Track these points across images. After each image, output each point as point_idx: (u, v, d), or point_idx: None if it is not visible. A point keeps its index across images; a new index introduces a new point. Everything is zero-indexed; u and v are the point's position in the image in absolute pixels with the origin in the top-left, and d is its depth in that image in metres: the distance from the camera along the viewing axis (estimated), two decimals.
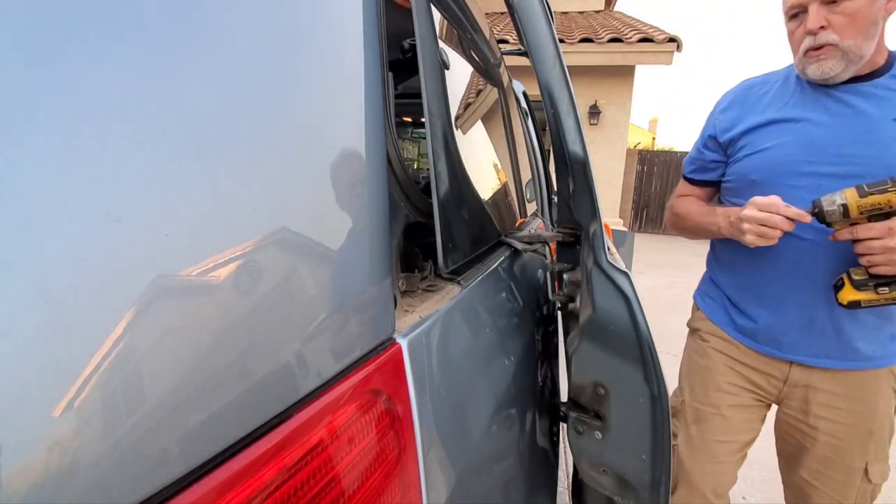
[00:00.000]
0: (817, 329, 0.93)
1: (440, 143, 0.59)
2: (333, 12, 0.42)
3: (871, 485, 0.97)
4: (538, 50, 0.65)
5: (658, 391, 0.58)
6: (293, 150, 0.35)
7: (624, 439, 0.62)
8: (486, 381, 0.63)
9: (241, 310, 0.29)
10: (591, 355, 0.63)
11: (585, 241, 0.65)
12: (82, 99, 0.23)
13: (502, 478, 0.68)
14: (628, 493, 0.64)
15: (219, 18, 0.30)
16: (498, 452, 0.66)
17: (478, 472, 0.58)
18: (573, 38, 6.28)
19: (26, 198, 0.20)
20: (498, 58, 1.28)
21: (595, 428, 0.64)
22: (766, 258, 0.96)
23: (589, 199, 0.64)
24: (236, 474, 0.28)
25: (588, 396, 0.64)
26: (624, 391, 0.61)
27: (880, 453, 0.96)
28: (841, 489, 0.97)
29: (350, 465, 0.35)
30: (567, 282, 0.72)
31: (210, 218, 0.28)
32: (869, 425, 0.95)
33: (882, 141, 0.85)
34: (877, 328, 0.92)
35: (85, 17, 0.23)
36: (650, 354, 0.59)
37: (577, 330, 0.65)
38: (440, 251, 0.55)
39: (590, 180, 0.65)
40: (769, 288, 0.98)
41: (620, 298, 0.59)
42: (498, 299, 0.74)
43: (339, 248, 0.39)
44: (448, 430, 0.51)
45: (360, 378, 0.38)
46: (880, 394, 0.94)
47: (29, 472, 0.20)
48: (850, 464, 0.96)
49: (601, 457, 0.65)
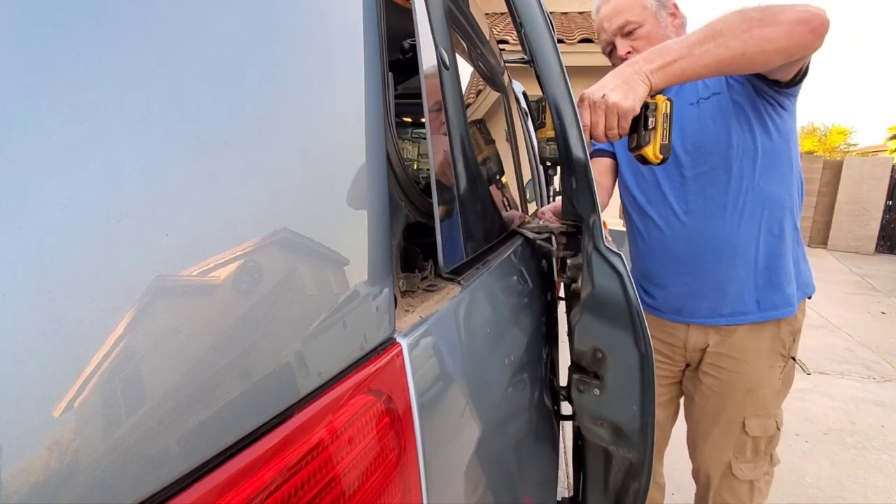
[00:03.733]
0: (703, 294, 1.08)
1: (440, 144, 0.59)
2: (333, 12, 0.42)
3: (749, 437, 1.08)
4: (546, 69, 0.76)
5: (645, 350, 0.69)
6: (293, 149, 0.35)
7: (618, 394, 0.74)
8: (487, 381, 0.63)
9: (242, 309, 0.29)
10: (590, 325, 0.74)
11: (586, 230, 0.75)
12: (83, 98, 0.23)
13: (503, 477, 0.68)
14: (621, 441, 0.75)
15: (219, 18, 0.30)
16: (499, 452, 0.66)
17: (478, 472, 0.58)
18: (573, 39, 6.28)
19: (27, 197, 0.20)
20: (501, 65, 1.29)
21: (594, 386, 0.76)
22: (646, 246, 1.15)
23: (589, 196, 0.74)
24: (237, 474, 0.28)
25: (588, 360, 0.76)
26: (618, 353, 0.72)
27: (760, 409, 1.07)
28: (720, 439, 1.11)
29: (350, 465, 0.35)
30: (570, 266, 0.82)
31: (211, 218, 0.28)
32: (748, 384, 1.07)
33: (680, 118, 1.05)
34: (756, 283, 1.04)
35: (85, 16, 0.23)
36: (639, 322, 0.70)
37: (578, 306, 0.76)
38: (440, 251, 0.55)
39: (590, 180, 0.74)
40: (654, 268, 1.15)
41: (615, 277, 0.71)
42: (498, 299, 0.74)
43: (340, 248, 0.39)
44: (448, 430, 0.50)
45: (361, 378, 0.38)
46: (761, 355, 1.06)
47: (29, 471, 0.20)
48: (728, 417, 1.09)
49: (599, 410, 0.76)
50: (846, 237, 8.96)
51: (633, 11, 1.04)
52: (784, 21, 0.79)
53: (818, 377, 3.16)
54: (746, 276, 1.05)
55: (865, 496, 1.99)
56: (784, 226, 1.04)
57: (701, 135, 1.03)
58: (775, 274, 1.04)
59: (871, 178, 8.78)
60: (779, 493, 1.95)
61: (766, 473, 1.13)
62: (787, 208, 1.04)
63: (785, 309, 1.05)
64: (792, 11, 0.80)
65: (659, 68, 0.79)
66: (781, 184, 1.03)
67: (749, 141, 1.00)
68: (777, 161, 1.01)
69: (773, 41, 0.79)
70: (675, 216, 1.08)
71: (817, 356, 3.53)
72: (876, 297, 5.52)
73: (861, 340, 3.95)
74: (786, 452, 2.25)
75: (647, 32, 1.04)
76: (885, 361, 3.52)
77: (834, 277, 6.46)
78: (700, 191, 1.05)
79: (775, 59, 0.83)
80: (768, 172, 1.01)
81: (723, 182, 1.02)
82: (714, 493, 1.15)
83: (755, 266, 1.04)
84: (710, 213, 1.04)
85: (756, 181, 1.01)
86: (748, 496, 1.12)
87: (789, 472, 2.10)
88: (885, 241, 8.95)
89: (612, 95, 0.76)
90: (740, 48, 0.79)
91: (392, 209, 0.49)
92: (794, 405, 2.74)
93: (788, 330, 1.08)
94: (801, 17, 0.80)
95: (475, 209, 0.71)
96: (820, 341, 3.87)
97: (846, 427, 2.54)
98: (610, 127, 0.78)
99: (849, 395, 2.93)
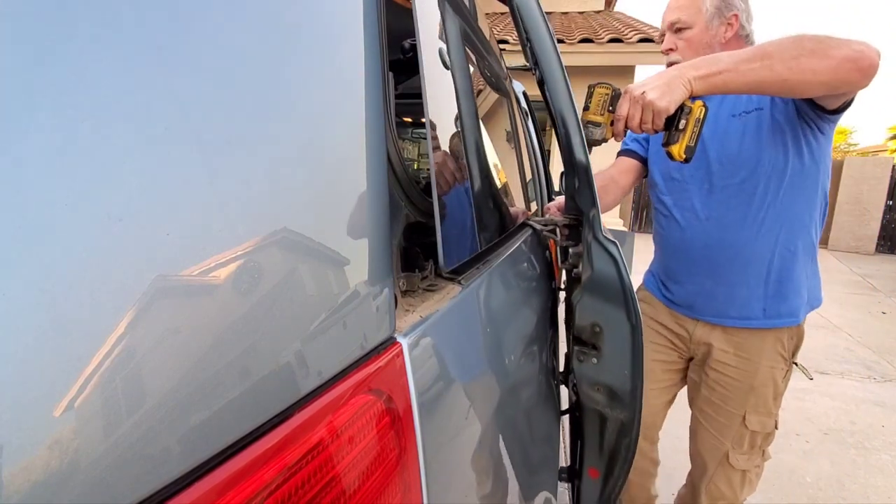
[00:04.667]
0: (714, 295, 1.15)
1: (440, 144, 0.59)
2: (333, 12, 0.42)
3: (748, 431, 1.16)
4: (554, 86, 0.85)
5: (636, 322, 0.80)
6: (294, 149, 0.35)
7: (613, 361, 0.85)
8: (488, 380, 0.63)
9: (242, 309, 0.29)
10: (590, 304, 0.86)
11: (586, 223, 0.86)
12: (83, 98, 0.23)
13: (504, 476, 0.68)
14: (615, 403, 0.87)
15: (219, 18, 0.30)
16: (499, 451, 0.66)
17: (479, 472, 0.58)
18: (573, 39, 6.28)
19: (27, 197, 0.20)
20: (502, 65, 1.30)
21: (592, 356, 0.87)
22: (668, 245, 1.24)
23: (589, 193, 0.84)
24: (237, 473, 0.28)
25: (588, 334, 0.87)
26: (613, 326, 0.84)
27: (760, 406, 1.15)
28: (721, 429, 1.20)
29: (350, 465, 0.35)
30: (572, 254, 0.93)
31: (211, 217, 0.28)
32: (751, 381, 1.14)
33: (720, 128, 1.10)
34: (766, 292, 1.10)
35: (86, 15, 0.23)
36: (631, 299, 0.80)
37: (579, 288, 0.88)
38: (440, 251, 0.55)
39: (590, 180, 0.83)
40: (673, 266, 1.24)
41: (612, 262, 0.82)
42: (498, 298, 0.74)
43: (340, 248, 0.39)
44: (449, 430, 0.50)
45: (361, 378, 0.38)
46: (763, 355, 1.13)
47: (29, 471, 0.20)
48: (731, 410, 1.17)
49: (597, 377, 0.88)
50: (847, 237, 8.96)
51: (688, 12, 1.10)
52: (835, 56, 0.81)
53: (818, 377, 3.16)
54: (756, 286, 1.10)
55: (866, 496, 1.99)
56: (800, 244, 1.08)
57: (736, 148, 1.07)
58: (785, 287, 1.09)
59: (872, 178, 8.78)
60: (779, 493, 1.95)
61: (757, 466, 1.21)
62: (806, 227, 1.08)
63: (789, 319, 1.11)
64: (846, 48, 0.81)
65: (703, 76, 0.84)
66: (805, 205, 1.06)
67: (781, 161, 1.03)
68: (805, 183, 1.05)
69: (819, 73, 0.82)
70: (696, 219, 1.14)
71: (818, 356, 3.53)
72: (876, 297, 5.52)
73: (861, 340, 3.94)
74: (786, 452, 2.25)
75: (691, 35, 1.09)
76: (885, 361, 3.51)
77: (834, 277, 6.46)
78: (725, 200, 1.10)
79: (817, 91, 0.86)
80: (793, 192, 1.05)
81: (747, 195, 1.07)
82: (709, 481, 1.23)
83: (766, 277, 1.09)
84: (729, 222, 1.09)
85: (780, 199, 1.05)
86: (740, 485, 1.20)
87: (790, 472, 2.10)
88: (885, 241, 8.95)
89: (651, 94, 0.83)
90: (784, 74, 0.82)
91: (392, 209, 0.49)
92: (794, 405, 2.74)
93: (790, 336, 1.13)
94: (851, 56, 0.81)
95: (475, 209, 0.71)
96: (820, 341, 3.87)
97: (846, 427, 2.54)
98: (645, 121, 0.86)
99: (849, 394, 2.93)
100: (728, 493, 1.21)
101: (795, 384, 3.01)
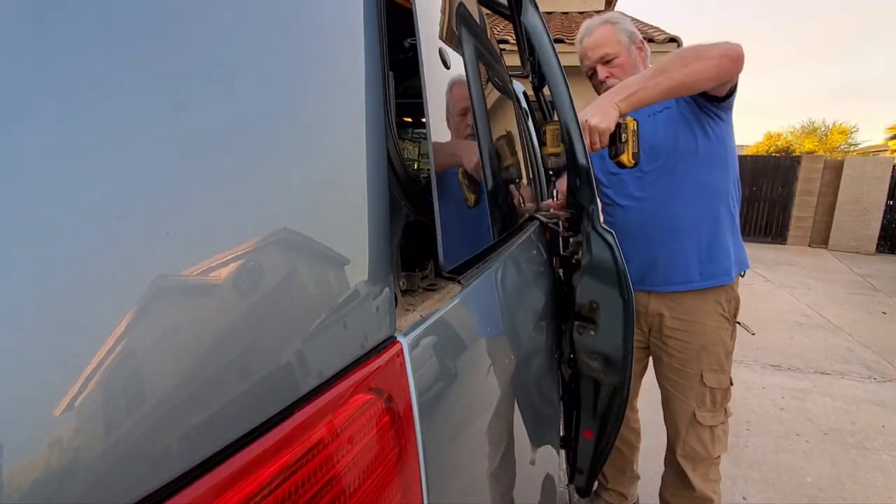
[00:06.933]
0: (656, 264, 1.35)
1: (440, 143, 0.59)
2: (334, 12, 0.42)
3: (707, 388, 1.34)
4: (562, 104, 0.99)
5: (627, 297, 0.95)
6: (294, 149, 0.35)
7: (608, 332, 0.99)
8: (488, 380, 0.63)
9: (243, 308, 0.29)
10: (588, 285, 1.00)
11: (586, 216, 1.01)
12: (83, 97, 0.23)
13: (504, 476, 0.68)
14: (609, 369, 1.01)
15: (219, 18, 0.30)
16: (499, 451, 0.66)
17: (479, 471, 0.58)
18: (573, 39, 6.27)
19: (27, 196, 0.20)
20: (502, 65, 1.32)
21: (591, 329, 1.02)
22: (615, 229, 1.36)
23: (589, 191, 0.99)
24: (237, 472, 0.28)
25: (587, 310, 1.02)
26: (608, 302, 0.98)
27: (714, 364, 1.33)
28: (684, 391, 1.37)
29: (350, 464, 0.35)
30: (572, 243, 1.07)
31: (211, 217, 0.28)
32: (701, 342, 1.33)
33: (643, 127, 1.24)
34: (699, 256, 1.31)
35: (86, 15, 0.23)
36: (624, 279, 0.95)
37: (579, 272, 1.03)
38: (440, 250, 0.55)
39: (590, 179, 0.97)
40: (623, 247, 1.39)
41: (608, 248, 0.97)
42: (498, 297, 0.74)
43: (340, 248, 0.39)
44: (449, 429, 0.51)
45: (361, 377, 0.38)
46: (707, 316, 1.33)
47: (29, 471, 0.20)
48: (690, 371, 1.36)
49: (594, 346, 1.02)
50: (847, 237, 8.94)
51: (611, 45, 1.36)
52: (712, 56, 1.10)
53: (819, 377, 3.16)
54: (691, 250, 1.32)
55: (866, 496, 1.99)
56: (721, 212, 1.32)
57: (654, 138, 1.32)
58: (715, 250, 1.32)
59: (872, 178, 8.77)
60: (779, 493, 1.95)
61: (722, 423, 1.38)
62: (723, 196, 1.32)
63: (722, 278, 1.32)
64: (717, 48, 1.12)
65: (624, 98, 1.07)
66: (720, 175, 1.31)
67: (692, 143, 1.29)
68: (715, 160, 1.31)
69: (706, 71, 1.10)
70: (634, 201, 1.37)
71: (818, 356, 3.53)
72: (877, 297, 5.52)
73: (862, 340, 3.94)
74: (786, 452, 2.25)
75: (621, 62, 1.35)
76: (885, 361, 3.51)
77: (835, 277, 6.45)
78: (653, 181, 1.33)
79: (708, 84, 1.15)
80: (707, 166, 1.30)
81: (669, 174, 1.31)
82: (682, 442, 1.40)
83: (699, 242, 1.31)
84: (661, 198, 1.33)
85: (697, 173, 1.30)
86: (710, 442, 1.37)
87: (790, 472, 2.10)
88: (885, 241, 8.94)
89: (593, 120, 1.04)
90: (681, 79, 1.09)
91: (392, 209, 0.49)
92: (795, 405, 2.74)
93: (726, 297, 1.34)
94: (723, 52, 1.11)
95: (475, 209, 0.71)
96: (821, 341, 3.86)
97: (847, 427, 2.54)
98: (594, 142, 1.05)
99: (849, 395, 2.92)
100: (701, 451, 1.37)
101: (795, 384, 3.01)
